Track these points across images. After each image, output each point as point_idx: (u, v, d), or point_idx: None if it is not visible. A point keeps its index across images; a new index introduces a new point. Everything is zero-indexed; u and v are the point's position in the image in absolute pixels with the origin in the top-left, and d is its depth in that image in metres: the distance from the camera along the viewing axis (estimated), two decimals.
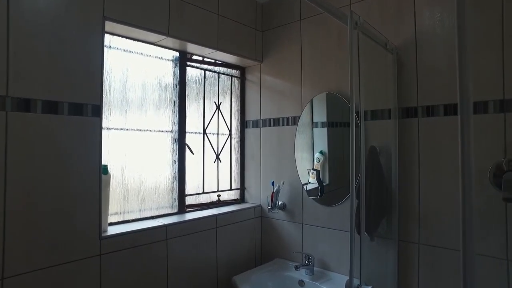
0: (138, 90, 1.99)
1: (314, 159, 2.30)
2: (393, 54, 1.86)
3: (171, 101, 2.16)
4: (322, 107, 2.24)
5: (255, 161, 2.55)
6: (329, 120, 2.24)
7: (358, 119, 2.01)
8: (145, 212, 2.01)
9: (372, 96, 1.97)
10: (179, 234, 1.96)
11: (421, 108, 1.81)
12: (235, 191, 2.60)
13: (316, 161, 2.30)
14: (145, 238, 1.80)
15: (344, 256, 2.06)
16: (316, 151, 2.30)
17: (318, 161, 2.31)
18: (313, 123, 2.29)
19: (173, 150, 2.16)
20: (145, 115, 2.03)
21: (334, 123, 2.24)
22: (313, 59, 2.24)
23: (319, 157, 2.29)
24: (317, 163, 2.30)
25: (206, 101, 2.40)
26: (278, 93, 2.43)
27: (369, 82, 1.98)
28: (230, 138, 2.57)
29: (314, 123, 2.29)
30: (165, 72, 2.13)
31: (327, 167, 2.24)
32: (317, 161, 2.30)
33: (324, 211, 2.17)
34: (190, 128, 2.29)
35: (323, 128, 2.30)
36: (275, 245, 2.42)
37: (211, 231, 2.15)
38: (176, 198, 2.16)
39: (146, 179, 2.02)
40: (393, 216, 1.86)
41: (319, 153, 2.29)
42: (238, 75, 2.62)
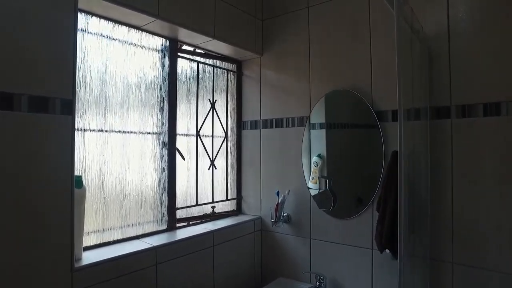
0: (120, 83, 1.61)
1: (311, 163, 2.00)
2: (424, 44, 1.59)
3: (159, 98, 1.79)
4: (334, 106, 1.93)
5: (254, 167, 2.22)
6: (343, 120, 1.94)
7: (377, 120, 1.75)
8: (129, 230, 1.64)
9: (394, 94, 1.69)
10: (171, 257, 1.59)
11: (455, 107, 1.54)
12: (231, 202, 2.25)
13: (313, 165, 2.00)
14: (130, 265, 1.42)
15: (361, 276, 1.76)
16: (314, 154, 1.99)
17: (316, 165, 2.01)
18: (326, 123, 1.98)
19: (161, 156, 1.79)
20: (129, 114, 1.65)
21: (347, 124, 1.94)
22: (324, 51, 1.92)
23: (317, 161, 1.99)
24: (314, 168, 2.00)
25: (200, 98, 2.05)
26: (281, 90, 2.10)
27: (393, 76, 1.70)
28: (226, 141, 2.22)
29: (326, 123, 1.98)
30: (152, 64, 1.76)
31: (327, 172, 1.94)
32: (314, 165, 2.00)
33: (337, 224, 1.85)
34: (181, 130, 1.93)
35: (334, 129, 2.00)
36: (278, 262, 2.09)
37: (207, 250, 1.79)
38: (166, 212, 1.79)
39: (130, 191, 1.64)
40: (422, 231, 1.57)
41: (316, 156, 1.99)
42: (234, 69, 2.28)
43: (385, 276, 1.69)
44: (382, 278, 1.70)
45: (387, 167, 1.63)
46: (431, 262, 1.57)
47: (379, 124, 1.71)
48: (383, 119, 1.71)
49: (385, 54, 1.70)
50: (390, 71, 1.69)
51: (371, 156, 1.79)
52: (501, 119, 1.44)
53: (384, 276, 1.69)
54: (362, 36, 1.78)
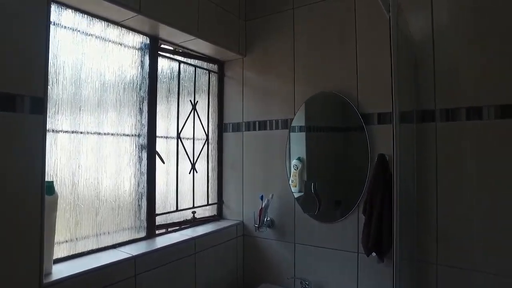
0: (96, 82, 1.49)
1: (291, 166, 1.95)
2: (411, 49, 1.57)
3: (139, 98, 1.68)
4: (319, 108, 1.89)
5: (236, 171, 2.14)
6: (328, 123, 1.90)
7: (363, 123, 1.72)
8: (105, 239, 1.51)
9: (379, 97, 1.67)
10: (150, 267, 1.48)
11: (440, 111, 1.54)
12: (212, 206, 2.16)
13: (293, 168, 1.95)
14: (106, 278, 1.30)
15: (347, 280, 1.71)
16: (294, 158, 1.95)
17: (295, 169, 1.96)
18: (306, 126, 1.93)
19: (140, 159, 1.68)
20: (105, 115, 1.53)
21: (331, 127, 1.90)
22: (309, 54, 1.88)
23: (297, 164, 1.95)
24: (294, 171, 1.96)
25: (180, 99, 1.94)
26: (265, 92, 2.04)
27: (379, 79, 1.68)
28: (207, 143, 2.13)
29: (306, 126, 1.93)
30: (131, 62, 1.65)
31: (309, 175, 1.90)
32: (294, 168, 1.95)
33: (322, 228, 1.80)
34: (161, 132, 1.82)
35: (317, 132, 1.96)
36: (262, 268, 2.01)
37: (189, 258, 1.69)
38: (144, 219, 1.68)
39: (106, 196, 1.52)
40: (409, 234, 1.55)
41: (296, 159, 1.94)
42: (216, 70, 2.20)
43: (370, 280, 1.65)
44: (367, 281, 1.66)
45: (373, 170, 1.61)
46: (416, 263, 1.56)
47: (365, 127, 1.68)
48: (368, 122, 1.68)
49: (371, 57, 1.68)
50: (376, 74, 1.67)
51: (356, 159, 1.75)
52: (483, 123, 1.45)
53: (369, 280, 1.66)
54: (347, 38, 1.75)
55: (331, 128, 1.89)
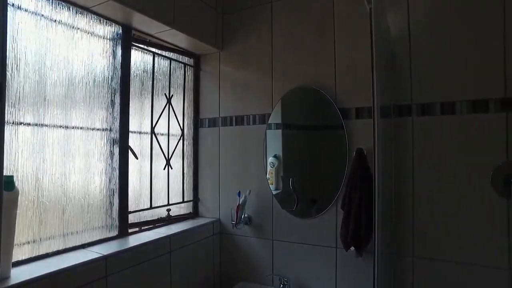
0: (63, 71, 1.37)
1: (268, 164, 1.91)
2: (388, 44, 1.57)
3: (110, 89, 1.57)
4: (297, 103, 1.85)
5: (212, 167, 2.06)
6: (305, 118, 1.86)
7: (341, 118, 1.70)
8: (72, 239, 1.39)
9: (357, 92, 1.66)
10: (123, 267, 1.38)
11: (416, 106, 1.54)
12: (187, 204, 2.07)
13: (270, 166, 1.91)
14: (74, 280, 1.19)
15: (326, 275, 1.68)
16: (270, 155, 1.91)
17: (272, 166, 1.92)
18: (283, 123, 1.89)
19: (112, 154, 1.57)
20: (74, 107, 1.42)
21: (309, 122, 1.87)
22: (287, 48, 1.83)
23: (273, 161, 1.91)
24: (271, 169, 1.92)
25: (155, 93, 1.84)
26: (242, 86, 1.98)
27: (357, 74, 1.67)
28: (182, 139, 2.04)
29: (284, 123, 1.89)
30: (102, 52, 1.54)
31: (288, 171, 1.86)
32: (271, 166, 1.92)
33: (300, 224, 1.77)
34: (133, 127, 1.72)
35: (295, 127, 1.92)
36: (239, 266, 1.94)
37: (164, 257, 1.60)
38: (116, 217, 1.57)
39: (74, 193, 1.40)
40: (386, 228, 1.54)
41: (273, 157, 1.90)
42: (192, 64, 2.11)
43: (349, 274, 1.63)
44: (346, 276, 1.64)
45: (351, 164, 1.59)
46: (394, 257, 1.55)
47: (343, 121, 1.66)
48: (347, 116, 1.66)
49: (349, 52, 1.66)
50: (354, 69, 1.66)
51: (334, 154, 1.73)
52: (456, 117, 1.46)
53: (348, 274, 1.64)
54: (326, 33, 1.72)
55: (308, 124, 1.86)
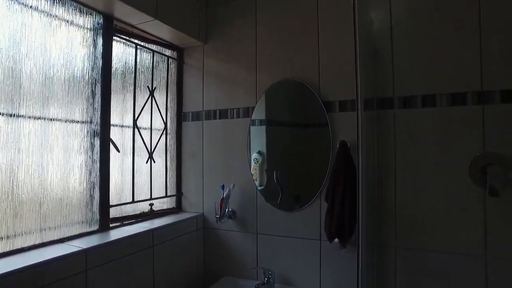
0: (40, 58, 1.31)
1: (252, 160, 1.89)
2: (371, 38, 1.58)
3: (91, 80, 1.51)
4: (281, 96, 1.84)
5: (196, 161, 2.02)
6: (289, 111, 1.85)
7: (325, 111, 1.70)
8: (51, 233, 1.33)
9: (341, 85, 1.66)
10: (104, 261, 1.33)
11: (397, 98, 1.55)
12: (170, 198, 2.02)
13: (253, 162, 1.89)
14: (51, 274, 1.14)
15: (310, 267, 1.68)
16: (254, 151, 1.89)
17: (255, 162, 1.90)
18: (268, 113, 1.87)
19: (92, 147, 1.51)
20: (52, 97, 1.35)
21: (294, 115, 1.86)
22: (271, 41, 1.82)
23: (257, 157, 1.89)
24: (254, 164, 1.90)
25: (137, 86, 1.78)
26: (226, 80, 1.95)
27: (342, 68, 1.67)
28: (165, 133, 1.99)
29: (269, 113, 1.86)
30: (82, 41, 1.47)
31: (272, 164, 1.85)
32: (254, 162, 1.90)
33: (284, 217, 1.75)
34: (115, 120, 1.66)
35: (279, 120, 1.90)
36: (223, 261, 1.91)
37: (146, 251, 1.55)
38: (97, 211, 1.51)
39: (52, 185, 1.34)
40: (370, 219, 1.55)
41: (257, 153, 1.88)
42: (175, 57, 2.06)
43: (333, 266, 1.63)
44: (330, 267, 1.64)
45: (335, 157, 1.58)
46: (377, 248, 1.56)
47: (327, 114, 1.66)
48: (330, 109, 1.66)
49: (334, 45, 1.66)
50: (338, 63, 1.66)
51: (318, 147, 1.72)
52: (436, 109, 1.49)
53: (332, 266, 1.63)
54: (310, 27, 1.72)
55: (292, 117, 1.85)
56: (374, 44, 1.60)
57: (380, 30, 1.58)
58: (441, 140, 1.47)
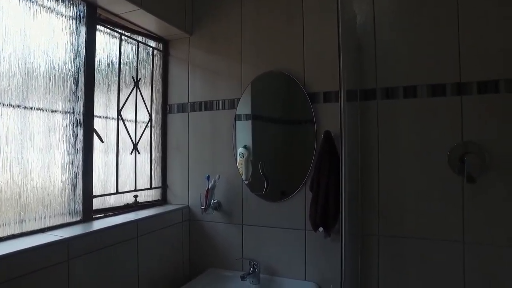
0: (19, 43, 1.26)
1: (237, 154, 1.88)
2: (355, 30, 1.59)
3: (74, 68, 1.46)
4: (266, 87, 1.83)
5: (181, 153, 1.99)
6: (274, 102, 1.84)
7: (310, 102, 1.70)
8: (31, 224, 1.28)
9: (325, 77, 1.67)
10: (87, 251, 1.29)
11: (380, 90, 1.57)
12: (155, 190, 1.99)
13: (239, 156, 1.89)
14: (32, 263, 1.10)
15: (295, 257, 1.68)
16: (240, 145, 1.87)
17: (241, 157, 1.89)
18: (254, 115, 1.85)
19: (75, 135, 1.46)
20: (32, 84, 1.30)
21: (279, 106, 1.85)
22: (256, 33, 1.81)
23: (243, 152, 1.88)
24: (240, 159, 1.89)
25: (121, 77, 1.74)
26: (211, 72, 1.92)
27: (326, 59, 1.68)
28: (150, 125, 1.95)
29: (254, 115, 1.85)
30: (64, 29, 1.43)
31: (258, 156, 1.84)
32: (240, 156, 1.89)
33: (270, 208, 1.75)
34: (99, 111, 1.62)
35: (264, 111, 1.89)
36: (209, 253, 1.89)
37: (130, 242, 1.52)
38: (80, 201, 1.46)
39: (32, 174, 1.29)
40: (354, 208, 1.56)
41: (242, 147, 1.87)
42: (160, 48, 2.03)
43: (317, 255, 1.64)
44: (315, 257, 1.64)
45: (320, 147, 1.59)
46: (361, 236, 1.57)
47: (311, 105, 1.67)
48: (315, 100, 1.67)
49: (318, 37, 1.67)
50: (322, 55, 1.67)
51: (303, 137, 1.73)
52: (417, 100, 1.51)
53: (316, 255, 1.64)
54: (295, 18, 1.72)
55: (277, 110, 1.84)
56: (358, 36, 1.62)
57: (364, 23, 1.60)
58: (422, 130, 1.50)
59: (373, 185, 1.56)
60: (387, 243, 1.53)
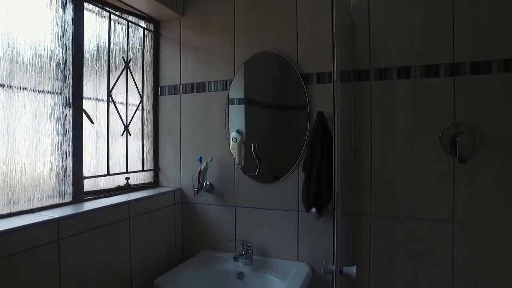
0: None
1: (230, 139, 1.86)
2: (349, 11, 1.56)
3: (61, 46, 1.41)
4: (259, 68, 1.80)
5: (173, 136, 1.96)
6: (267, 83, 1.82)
7: (303, 83, 1.68)
8: (19, 205, 1.25)
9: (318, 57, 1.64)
10: (78, 231, 1.27)
11: (374, 70, 1.55)
12: (147, 173, 1.96)
13: (232, 141, 1.87)
14: (21, 243, 1.08)
15: (287, 238, 1.68)
16: (233, 130, 1.85)
17: (234, 141, 1.88)
18: (248, 99, 1.82)
19: (64, 115, 1.43)
20: (17, 61, 1.25)
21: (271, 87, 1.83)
22: (250, 13, 1.77)
23: (236, 136, 1.86)
24: (233, 144, 1.87)
25: (111, 58, 1.69)
26: (203, 53, 1.88)
27: None
28: (141, 107, 1.91)
29: (247, 99, 1.82)
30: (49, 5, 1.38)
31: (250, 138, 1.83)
32: (233, 141, 1.87)
33: (262, 189, 1.74)
34: (88, 93, 1.58)
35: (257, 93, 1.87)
36: (202, 235, 1.89)
37: (122, 223, 1.51)
38: (70, 182, 1.44)
39: (19, 154, 1.25)
40: (346, 189, 1.56)
41: (235, 132, 1.85)
42: (151, 29, 1.98)
43: (310, 236, 1.64)
44: (307, 237, 1.65)
45: (313, 127, 1.58)
46: (353, 216, 1.58)
47: (304, 86, 1.65)
48: (308, 81, 1.64)
49: (311, 19, 1.64)
50: (316, 35, 1.64)
51: (296, 119, 1.72)
52: (410, 81, 1.50)
53: (309, 236, 1.65)
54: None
55: (269, 91, 1.82)
56: (352, 16, 1.59)
57: (357, 3, 1.57)
58: (415, 111, 1.49)
59: (365, 166, 1.56)
60: (379, 224, 1.54)
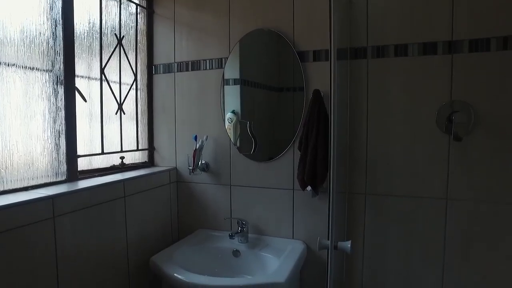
0: None
1: (226, 119, 1.84)
2: None
3: (50, 21, 1.37)
4: (255, 46, 1.76)
5: (167, 115, 1.94)
6: (262, 61, 1.79)
7: (299, 60, 1.65)
8: (12, 184, 1.23)
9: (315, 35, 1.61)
10: (73, 209, 1.27)
11: (371, 48, 1.53)
12: (142, 153, 1.95)
13: (228, 121, 1.85)
14: (16, 219, 1.07)
15: (283, 217, 1.70)
16: (228, 111, 1.83)
17: (230, 122, 1.86)
18: (243, 80, 1.80)
19: (56, 94, 1.39)
20: (5, 35, 1.21)
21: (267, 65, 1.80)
22: None
23: (231, 117, 1.84)
24: (229, 124, 1.85)
25: (103, 35, 1.65)
26: (198, 30, 1.84)
27: None
28: (135, 85, 1.88)
29: (243, 80, 1.79)
30: None
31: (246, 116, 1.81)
32: (229, 121, 1.85)
33: (258, 168, 1.74)
34: (81, 71, 1.54)
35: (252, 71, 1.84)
36: (197, 213, 1.90)
37: (117, 201, 1.50)
38: (64, 160, 1.42)
39: (10, 131, 1.22)
40: (342, 167, 1.56)
41: (231, 112, 1.83)
42: (144, 5, 1.91)
43: (305, 214, 1.66)
44: (302, 216, 1.66)
45: (309, 106, 1.56)
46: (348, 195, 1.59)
47: (300, 64, 1.62)
48: (304, 59, 1.62)
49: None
50: (313, 13, 1.60)
51: (292, 97, 1.70)
52: (408, 59, 1.48)
53: (304, 214, 1.66)
54: None
55: (265, 70, 1.79)
56: None
57: None
58: (411, 89, 1.48)
59: (361, 144, 1.55)
60: (373, 202, 1.55)
